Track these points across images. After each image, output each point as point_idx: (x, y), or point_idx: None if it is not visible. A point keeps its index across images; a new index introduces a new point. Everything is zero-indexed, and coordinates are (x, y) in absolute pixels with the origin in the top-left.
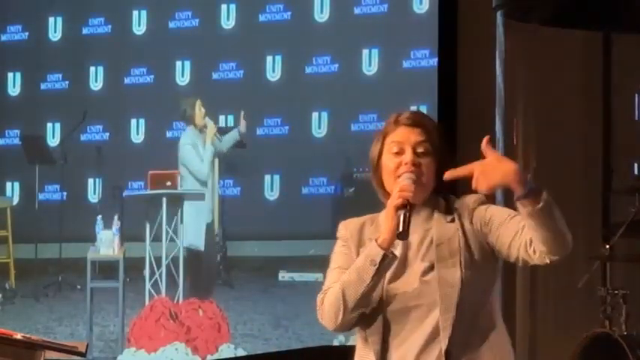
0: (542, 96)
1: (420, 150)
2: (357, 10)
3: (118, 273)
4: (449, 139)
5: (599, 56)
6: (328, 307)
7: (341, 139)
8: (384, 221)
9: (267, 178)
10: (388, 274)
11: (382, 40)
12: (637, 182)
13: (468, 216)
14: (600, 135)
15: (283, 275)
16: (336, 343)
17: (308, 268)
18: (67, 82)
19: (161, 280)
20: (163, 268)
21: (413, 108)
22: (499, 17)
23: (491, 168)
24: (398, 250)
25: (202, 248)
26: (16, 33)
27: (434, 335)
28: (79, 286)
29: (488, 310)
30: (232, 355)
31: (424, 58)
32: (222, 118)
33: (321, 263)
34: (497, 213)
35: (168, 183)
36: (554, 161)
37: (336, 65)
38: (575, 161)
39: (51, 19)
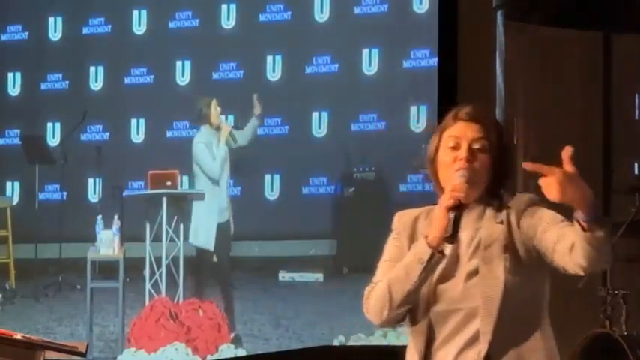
0: (542, 96)
1: (476, 146)
2: (357, 10)
3: (118, 273)
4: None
5: (599, 56)
6: (374, 302)
7: (341, 139)
8: (436, 219)
9: (268, 178)
10: (438, 273)
11: (382, 40)
12: (637, 182)
13: (516, 216)
14: (600, 135)
15: (283, 275)
16: (336, 343)
17: (308, 268)
18: (67, 82)
19: (161, 280)
20: (163, 268)
21: (413, 108)
22: (499, 17)
23: (569, 183)
24: (449, 249)
25: (212, 248)
26: (16, 33)
27: (474, 339)
28: (79, 286)
29: (535, 315)
30: (232, 355)
31: (424, 58)
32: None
33: (321, 263)
34: (545, 217)
35: (169, 183)
36: (555, 161)
37: (336, 65)
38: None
39: (51, 19)
